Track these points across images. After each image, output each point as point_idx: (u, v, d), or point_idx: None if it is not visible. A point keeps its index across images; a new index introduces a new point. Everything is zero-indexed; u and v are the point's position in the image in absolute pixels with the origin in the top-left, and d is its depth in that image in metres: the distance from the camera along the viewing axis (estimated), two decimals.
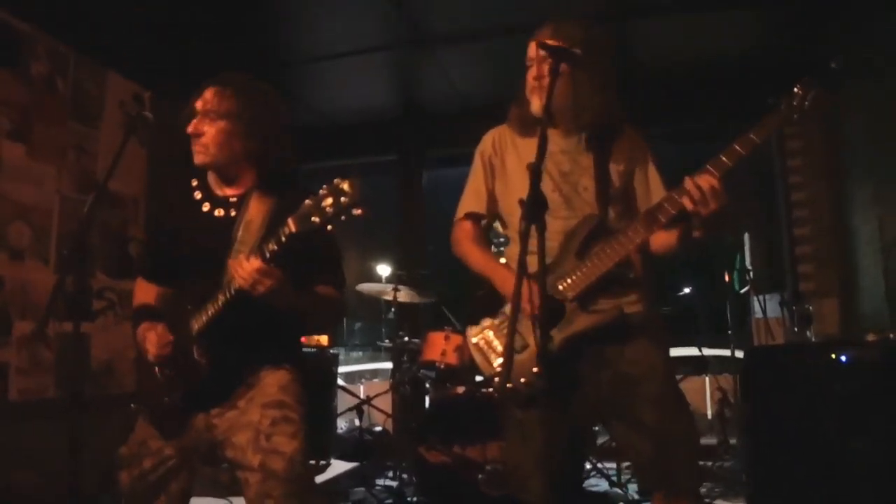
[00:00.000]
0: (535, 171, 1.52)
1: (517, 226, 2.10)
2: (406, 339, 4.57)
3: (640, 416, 1.93)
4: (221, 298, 1.92)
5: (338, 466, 4.90)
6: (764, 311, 4.71)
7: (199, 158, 2.04)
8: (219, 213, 2.08)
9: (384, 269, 7.47)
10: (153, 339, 2.01)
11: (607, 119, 2.07)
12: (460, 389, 3.77)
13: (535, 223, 1.50)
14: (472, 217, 2.24)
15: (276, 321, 2.02)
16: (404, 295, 4.54)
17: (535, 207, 1.50)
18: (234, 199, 2.09)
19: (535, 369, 1.94)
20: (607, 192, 2.06)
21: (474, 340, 2.09)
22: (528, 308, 1.89)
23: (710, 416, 5.47)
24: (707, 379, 5.60)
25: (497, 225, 2.32)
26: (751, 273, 5.00)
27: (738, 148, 1.83)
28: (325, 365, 5.07)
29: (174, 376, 2.03)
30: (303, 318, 2.10)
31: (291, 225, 1.75)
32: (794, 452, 2.90)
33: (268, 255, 1.82)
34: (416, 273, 4.99)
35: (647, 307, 2.06)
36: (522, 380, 1.96)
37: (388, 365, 5.83)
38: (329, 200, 1.69)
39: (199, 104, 2.03)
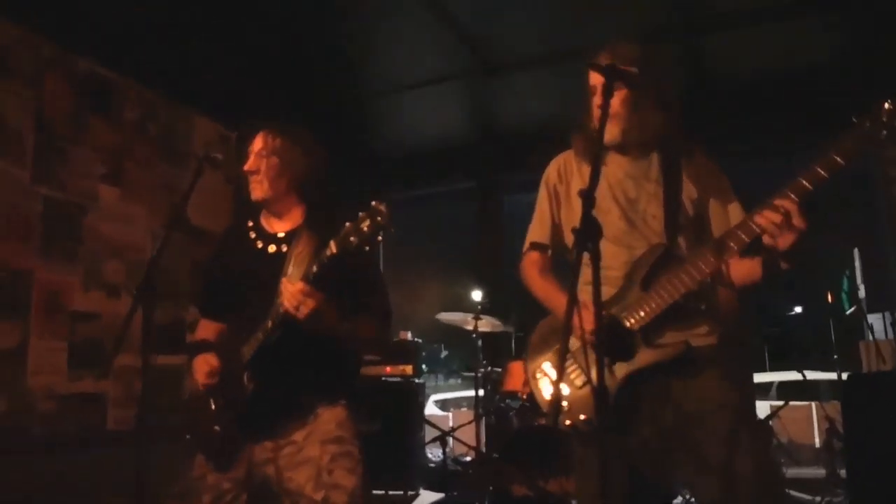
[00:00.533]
0: (587, 198, 1.45)
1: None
2: (489, 368, 4.50)
3: (706, 455, 1.78)
4: (269, 324, 1.98)
5: (426, 497, 4.87)
6: (872, 333, 4.36)
7: (256, 193, 2.20)
8: (271, 248, 2.18)
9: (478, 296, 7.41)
10: (203, 367, 2.07)
11: (673, 140, 1.98)
12: (544, 420, 3.66)
13: (587, 251, 1.42)
14: (538, 247, 2.17)
15: (331, 354, 2.08)
16: (486, 324, 4.47)
17: (587, 236, 1.41)
18: (284, 235, 2.19)
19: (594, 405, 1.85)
20: (677, 219, 1.95)
21: (535, 373, 2.01)
22: (582, 339, 1.82)
23: (817, 446, 5.10)
24: (814, 406, 5.23)
25: None
26: (861, 291, 4.65)
27: (819, 171, 1.67)
28: (409, 395, 5.07)
29: (224, 405, 2.07)
30: (348, 345, 2.15)
31: (332, 247, 1.85)
32: None
33: (311, 276, 1.90)
34: (493, 301, 4.92)
35: (721, 339, 1.92)
36: (582, 416, 1.87)
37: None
38: (367, 222, 1.80)
39: (251, 145, 2.22)
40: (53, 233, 3.59)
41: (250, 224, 2.26)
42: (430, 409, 11.58)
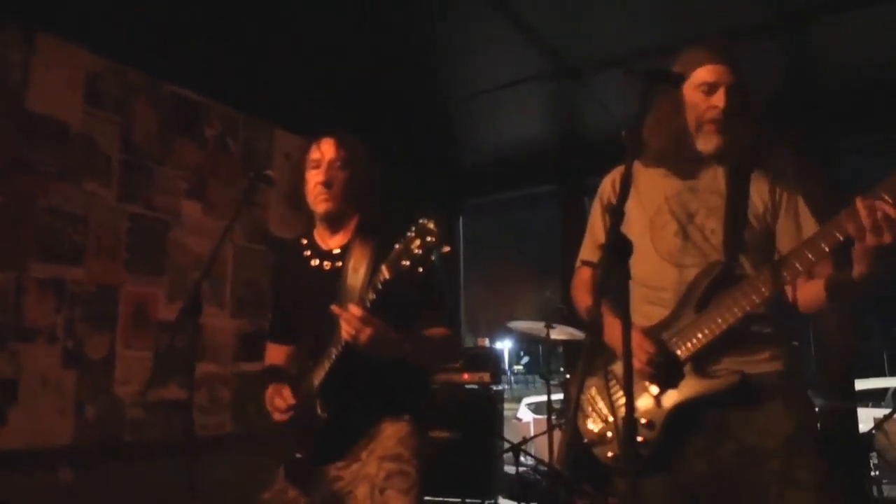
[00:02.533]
0: (617, 213, 1.37)
1: (636, 273, 1.94)
2: (567, 376, 4.39)
3: (766, 496, 1.64)
4: (335, 351, 1.96)
5: None
6: None
7: (325, 206, 2.12)
8: (327, 265, 2.15)
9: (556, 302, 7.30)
10: (279, 403, 2.08)
11: (739, 149, 1.82)
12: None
13: (614, 269, 1.34)
14: (589, 265, 2.08)
15: (397, 370, 2.02)
16: (563, 332, 4.38)
17: (615, 253, 1.34)
18: (339, 251, 2.15)
19: (639, 439, 1.75)
20: (740, 236, 1.79)
21: (578, 399, 1.92)
22: (638, 364, 1.72)
23: None
24: None
25: None
26: None
27: None
28: (487, 402, 5.03)
29: (300, 432, 2.09)
30: (415, 363, 2.07)
31: (385, 272, 1.76)
32: None
33: (368, 304, 1.83)
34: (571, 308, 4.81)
35: (786, 365, 1.75)
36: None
37: None
38: (416, 242, 1.68)
39: (318, 155, 2.14)
40: (139, 248, 3.78)
41: (304, 242, 2.24)
42: (523, 413, 11.51)
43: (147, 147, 3.88)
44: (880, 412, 4.58)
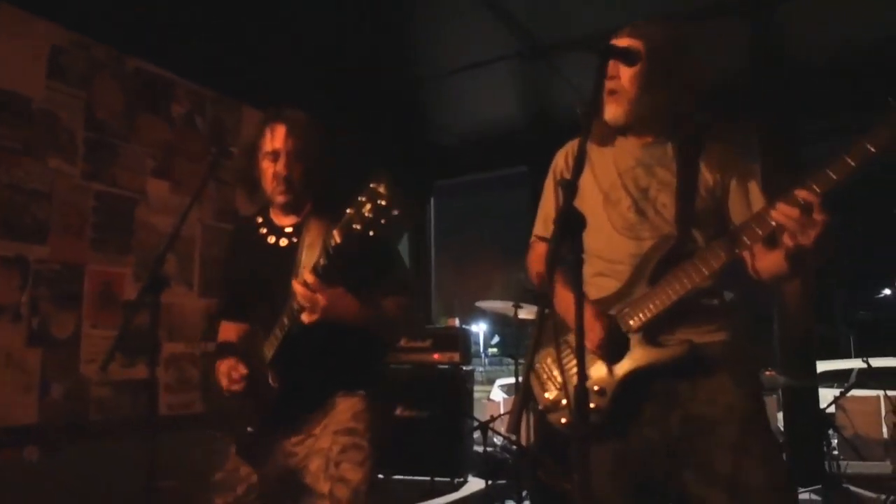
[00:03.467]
0: (570, 188, 1.39)
1: (588, 245, 1.97)
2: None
3: (713, 464, 1.69)
4: (286, 322, 1.96)
5: (474, 484, 4.87)
6: None
7: (286, 198, 2.11)
8: (283, 242, 2.15)
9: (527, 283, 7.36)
10: (226, 373, 2.08)
11: (693, 125, 1.86)
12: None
13: (566, 242, 1.36)
14: (543, 240, 2.11)
15: (351, 344, 2.06)
16: (529, 312, 4.42)
17: (568, 228, 1.35)
18: (293, 228, 2.15)
19: (592, 405, 1.79)
20: (691, 210, 1.82)
21: (533, 367, 1.95)
22: (591, 344, 1.76)
23: (885, 437, 4.82)
24: (881, 396, 4.95)
25: None
26: None
27: (848, 160, 1.51)
28: (457, 382, 5.07)
29: (252, 406, 2.09)
30: (372, 330, 2.09)
31: (336, 236, 1.77)
32: None
33: (320, 270, 1.84)
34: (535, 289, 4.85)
35: (732, 336, 1.80)
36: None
37: None
38: (367, 206, 1.69)
39: (271, 147, 2.10)
40: (105, 226, 3.74)
41: (260, 220, 2.24)
42: (496, 394, 11.62)
43: (112, 123, 3.83)
44: (830, 393, 4.71)
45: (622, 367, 1.78)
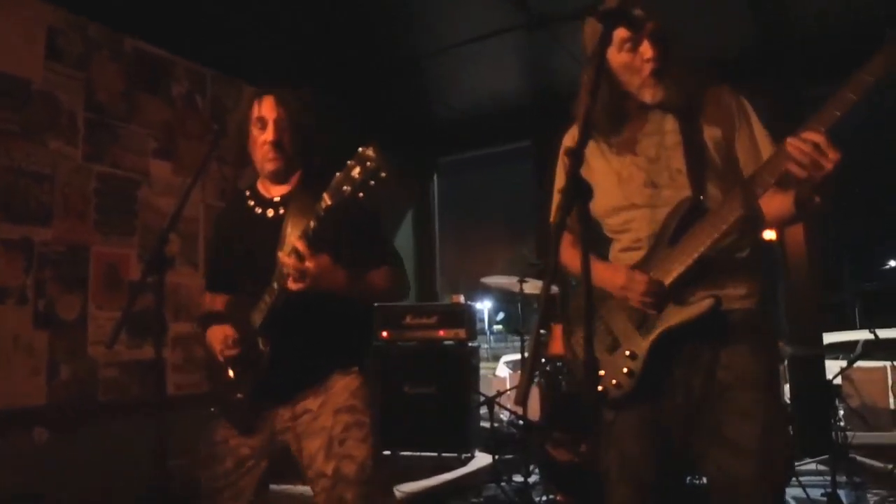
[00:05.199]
0: (576, 156, 1.37)
1: (611, 225, 1.96)
2: (542, 331, 4.44)
3: (721, 428, 1.70)
4: (276, 285, 1.96)
5: (481, 459, 4.90)
6: None
7: (275, 164, 2.12)
8: (270, 213, 2.15)
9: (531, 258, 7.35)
10: (219, 338, 2.07)
11: (686, 90, 1.83)
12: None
13: (575, 211, 1.34)
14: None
15: (342, 317, 2.08)
16: (534, 286, 4.40)
17: (574, 196, 1.34)
18: (280, 199, 2.16)
19: (624, 370, 1.80)
20: (703, 169, 1.81)
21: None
22: (633, 300, 1.78)
23: (892, 407, 4.82)
24: (888, 367, 4.94)
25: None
26: None
27: (849, 94, 1.52)
28: (463, 358, 5.08)
29: (244, 373, 2.09)
30: (362, 299, 2.12)
31: (326, 199, 1.79)
32: None
33: (310, 234, 1.85)
34: (546, 262, 4.83)
35: (756, 304, 1.79)
36: (613, 381, 1.82)
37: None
38: (357, 169, 1.72)
39: (261, 114, 2.11)
40: (108, 208, 3.74)
41: (248, 193, 2.24)
42: (501, 370, 11.67)
43: (112, 105, 3.81)
44: (837, 364, 4.71)
45: (652, 331, 1.78)
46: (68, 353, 3.48)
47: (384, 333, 5.22)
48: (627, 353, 1.81)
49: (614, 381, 1.82)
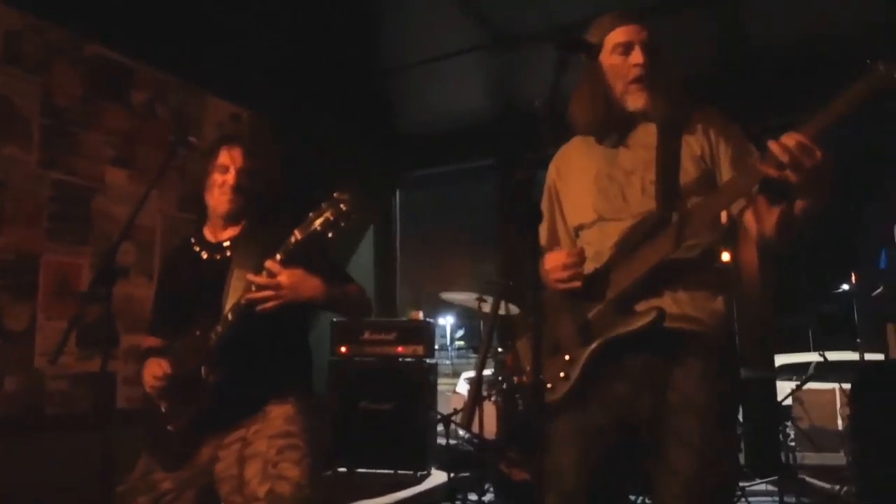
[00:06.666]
0: (523, 184, 1.40)
1: (582, 237, 1.97)
2: (498, 349, 4.46)
3: (661, 450, 1.71)
4: (230, 315, 1.99)
5: (437, 477, 4.88)
6: None
7: (231, 206, 2.22)
8: (217, 256, 2.21)
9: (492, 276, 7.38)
10: (153, 370, 2.09)
11: (670, 103, 1.86)
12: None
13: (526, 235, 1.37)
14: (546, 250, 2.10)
15: (285, 350, 2.15)
16: (492, 305, 4.41)
17: (525, 221, 1.37)
18: (228, 243, 2.23)
19: (561, 374, 1.81)
20: (674, 183, 1.81)
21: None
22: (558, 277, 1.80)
23: (840, 429, 4.94)
24: (837, 389, 5.06)
25: None
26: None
27: (826, 117, 1.54)
28: (421, 375, 5.07)
29: (176, 405, 2.09)
30: (335, 308, 2.22)
31: (297, 234, 1.89)
32: None
33: (280, 256, 1.94)
34: (501, 282, 4.85)
35: (715, 323, 1.78)
36: (549, 385, 1.83)
37: None
38: (330, 212, 1.85)
39: (228, 161, 2.21)
40: (62, 216, 3.66)
41: (193, 240, 2.31)
42: (461, 387, 11.66)
43: (70, 110, 3.74)
44: (788, 386, 4.82)
45: (594, 338, 1.79)
46: (15, 364, 3.39)
47: (343, 349, 5.18)
48: (567, 357, 1.83)
49: (549, 385, 1.83)
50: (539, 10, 4.36)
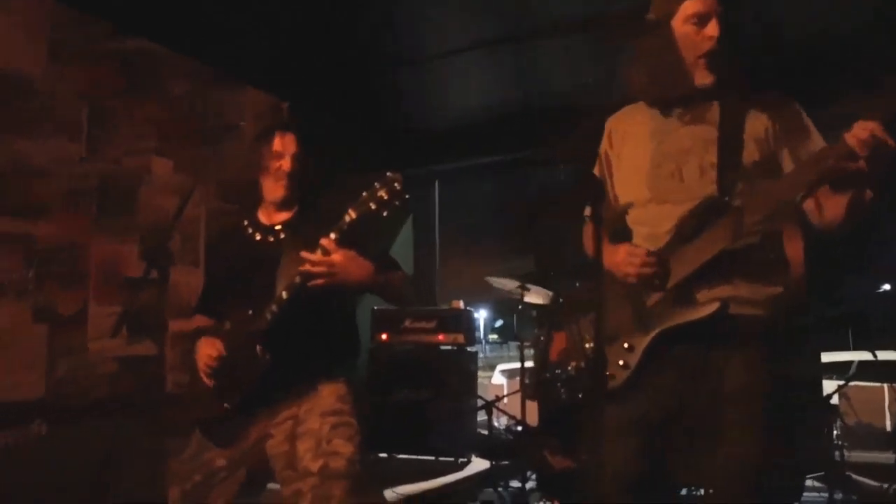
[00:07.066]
0: (580, 158, 1.38)
1: (633, 216, 1.92)
2: (541, 338, 4.44)
3: (713, 437, 1.70)
4: (284, 294, 2.01)
5: (477, 464, 4.89)
6: None
7: (285, 192, 2.25)
8: (270, 238, 2.24)
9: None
10: (206, 349, 2.12)
11: (738, 82, 1.79)
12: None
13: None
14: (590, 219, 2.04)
15: (336, 330, 2.20)
16: (537, 295, 4.41)
17: (588, 197, 1.35)
18: (281, 226, 2.26)
19: (620, 362, 1.80)
20: (736, 167, 1.75)
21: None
22: (631, 273, 1.77)
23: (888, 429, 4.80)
24: (886, 388, 4.92)
25: None
26: None
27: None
28: (462, 363, 5.08)
29: (229, 384, 2.12)
30: (384, 295, 2.22)
31: (351, 213, 1.92)
32: None
33: (337, 233, 1.96)
34: (543, 272, 4.83)
35: (767, 311, 1.74)
36: (607, 372, 1.81)
37: None
38: (384, 191, 1.88)
39: (281, 147, 2.23)
40: (108, 205, 3.74)
41: (245, 222, 2.33)
42: (497, 378, 11.62)
43: (113, 102, 3.81)
44: (834, 383, 4.71)
45: (652, 330, 1.77)
46: (66, 348, 3.47)
47: (383, 336, 5.21)
48: (626, 345, 1.81)
49: (608, 372, 1.81)
50: (552, 2, 4.28)
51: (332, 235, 1.93)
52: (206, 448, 2.11)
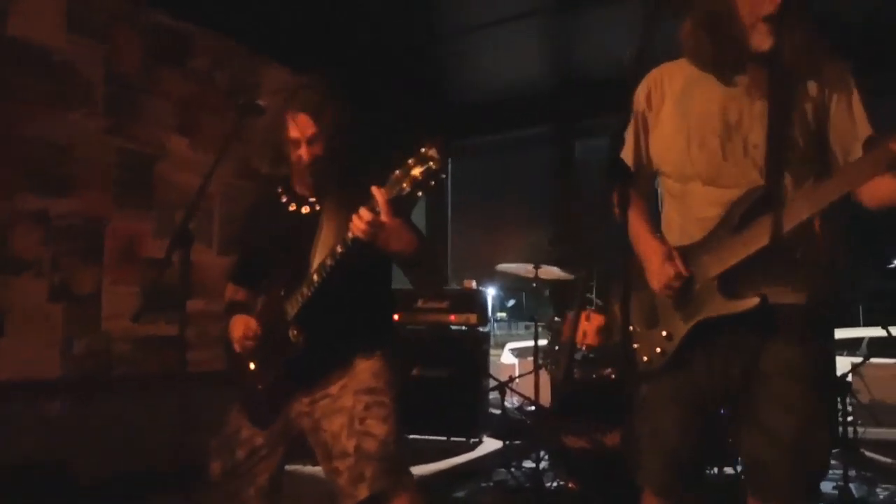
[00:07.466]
0: (617, 139, 1.35)
1: (669, 186, 1.85)
2: (556, 318, 4.44)
3: (760, 416, 1.67)
4: (316, 276, 1.95)
5: (489, 444, 4.91)
6: None
7: (311, 180, 2.10)
8: (305, 209, 2.14)
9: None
10: (240, 329, 2.09)
11: (794, 49, 1.63)
12: (607, 372, 3.60)
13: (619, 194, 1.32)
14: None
15: (371, 306, 2.11)
16: (551, 273, 4.39)
17: (617, 177, 1.32)
18: (316, 198, 2.14)
19: (658, 350, 1.78)
20: (784, 150, 1.65)
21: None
22: (656, 287, 1.74)
23: None
24: None
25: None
26: None
27: None
28: (474, 343, 5.08)
29: (265, 364, 2.09)
30: (422, 266, 2.08)
31: (383, 193, 1.75)
32: None
33: (389, 200, 1.80)
34: (566, 250, 4.81)
35: (811, 299, 1.68)
36: (645, 357, 1.80)
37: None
38: (418, 168, 1.70)
39: (297, 133, 2.06)
40: (127, 182, 3.73)
41: (280, 189, 2.22)
42: (507, 357, 11.64)
43: (132, 77, 3.79)
44: (856, 360, 4.68)
45: (693, 315, 1.73)
46: (83, 327, 3.49)
47: (395, 316, 5.21)
48: (664, 333, 1.78)
49: (645, 358, 1.80)
50: None
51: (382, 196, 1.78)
52: (245, 426, 2.10)
